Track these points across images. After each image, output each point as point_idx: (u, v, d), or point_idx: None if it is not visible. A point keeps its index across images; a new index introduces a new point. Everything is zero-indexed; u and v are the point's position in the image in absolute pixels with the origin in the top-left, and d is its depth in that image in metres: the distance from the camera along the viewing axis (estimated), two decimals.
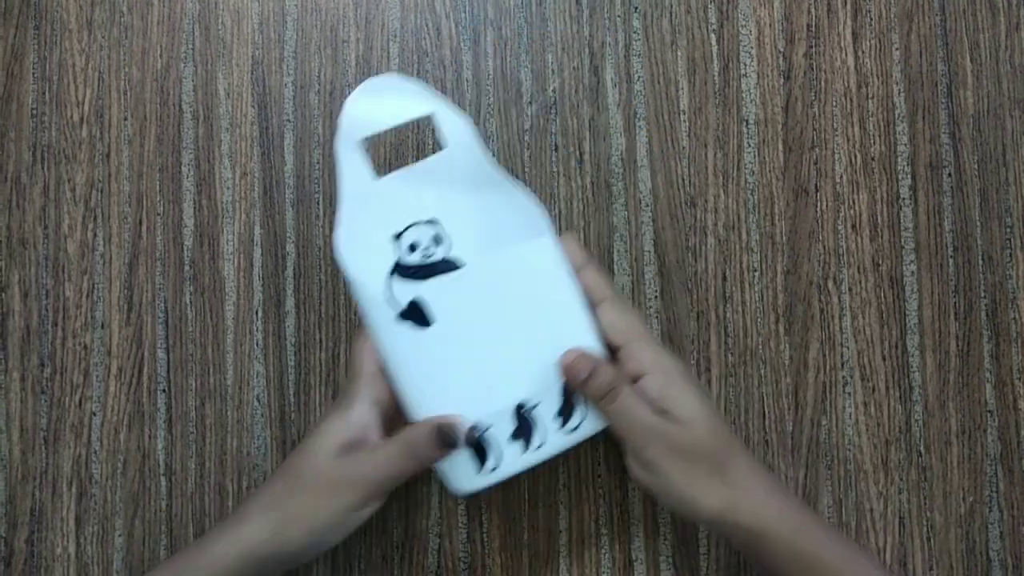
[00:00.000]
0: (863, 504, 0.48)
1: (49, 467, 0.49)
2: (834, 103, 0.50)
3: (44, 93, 0.50)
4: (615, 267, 0.49)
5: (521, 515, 0.48)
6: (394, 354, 0.42)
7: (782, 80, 0.50)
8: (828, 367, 0.49)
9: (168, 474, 0.49)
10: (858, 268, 0.49)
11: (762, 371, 0.49)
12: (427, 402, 0.42)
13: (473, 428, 0.42)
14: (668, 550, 0.48)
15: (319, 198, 0.50)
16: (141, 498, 0.48)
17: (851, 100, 0.50)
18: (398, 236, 0.43)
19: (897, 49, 0.50)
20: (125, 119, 0.50)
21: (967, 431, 0.48)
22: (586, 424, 0.43)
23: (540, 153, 0.50)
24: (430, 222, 0.43)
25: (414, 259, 0.43)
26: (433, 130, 0.45)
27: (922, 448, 0.48)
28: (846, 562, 0.41)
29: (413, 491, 0.48)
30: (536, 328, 0.42)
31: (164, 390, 0.49)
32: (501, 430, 0.42)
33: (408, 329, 0.42)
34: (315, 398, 0.49)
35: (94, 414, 0.49)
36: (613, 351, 0.43)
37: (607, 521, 0.48)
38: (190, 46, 0.50)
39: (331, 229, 0.45)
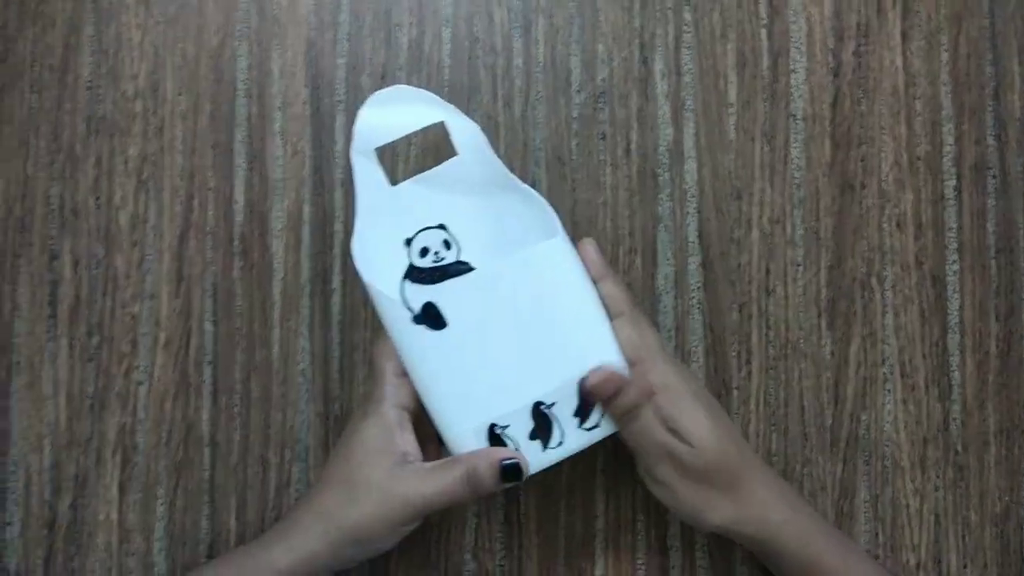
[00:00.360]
0: (899, 500, 0.48)
1: (95, 434, 0.49)
2: (882, 102, 0.50)
3: (100, 66, 0.51)
4: (659, 257, 0.49)
5: (558, 498, 0.49)
6: (411, 356, 0.43)
7: (831, 77, 0.50)
8: (869, 363, 0.49)
9: (212, 445, 0.49)
10: (901, 266, 0.49)
11: (803, 365, 0.49)
12: (446, 402, 0.43)
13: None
14: (703, 538, 0.48)
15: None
16: (184, 468, 0.49)
17: (899, 99, 0.50)
18: (409, 241, 0.44)
19: (946, 51, 0.50)
20: (179, 94, 0.51)
21: (1005, 431, 0.48)
22: (604, 424, 0.43)
23: (587, 142, 0.50)
24: (440, 227, 0.45)
25: (426, 263, 0.44)
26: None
27: (959, 447, 0.48)
28: (847, 567, 0.42)
29: None
30: (551, 328, 0.43)
31: (211, 362, 0.49)
32: (519, 430, 0.43)
33: (424, 331, 0.43)
34: (358, 375, 0.49)
35: (140, 383, 0.50)
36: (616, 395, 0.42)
37: (643, 506, 0.48)
38: (245, 25, 0.51)
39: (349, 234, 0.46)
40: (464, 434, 0.43)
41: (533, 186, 0.50)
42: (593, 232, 0.50)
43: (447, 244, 0.44)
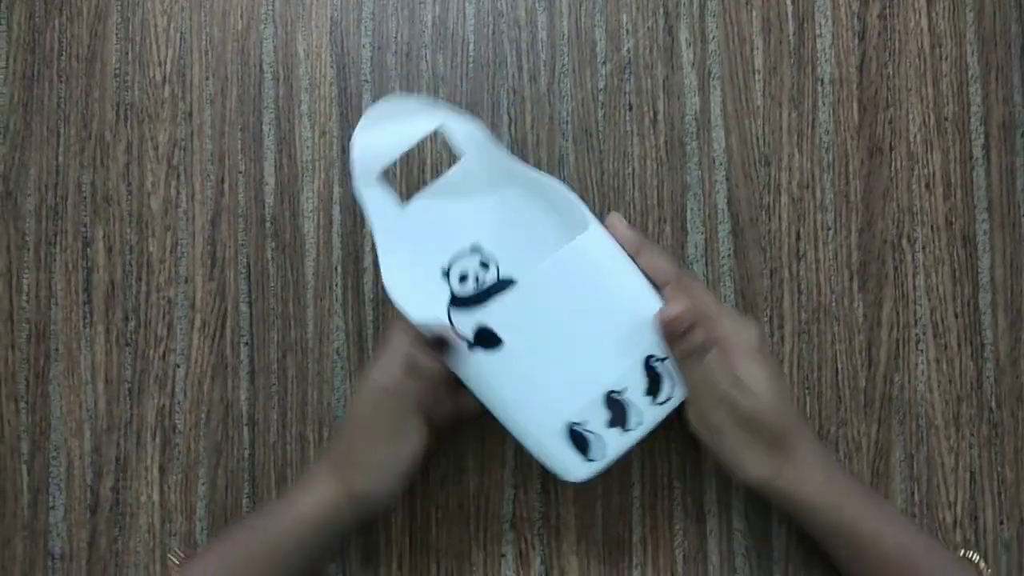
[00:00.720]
0: (935, 459, 0.48)
1: (134, 417, 0.50)
2: (908, 64, 0.50)
3: (127, 53, 0.51)
4: (688, 225, 0.50)
5: None
6: (476, 380, 0.43)
7: (856, 40, 0.50)
8: (901, 324, 0.49)
9: (251, 424, 0.50)
10: (931, 227, 0.49)
11: (835, 328, 0.49)
12: (520, 415, 0.43)
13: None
14: (740, 502, 0.48)
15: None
16: (224, 447, 0.49)
17: (925, 61, 0.50)
18: (446, 273, 0.44)
19: (971, 10, 0.50)
20: (207, 79, 0.51)
21: None
22: (676, 392, 0.43)
23: (614, 113, 0.50)
24: (473, 250, 0.44)
25: (468, 290, 0.44)
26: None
27: (993, 404, 0.49)
28: (881, 532, 0.42)
29: (489, 443, 0.49)
30: (604, 317, 0.42)
31: (247, 343, 0.50)
32: (597, 422, 0.43)
33: (482, 355, 0.43)
34: None
35: (178, 366, 0.50)
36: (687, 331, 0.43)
37: (679, 473, 0.49)
38: (270, 7, 0.51)
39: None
40: (544, 439, 0.43)
41: (560, 160, 0.50)
42: (622, 203, 0.50)
43: (484, 265, 0.44)
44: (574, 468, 0.44)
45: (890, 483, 0.48)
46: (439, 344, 0.42)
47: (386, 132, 0.43)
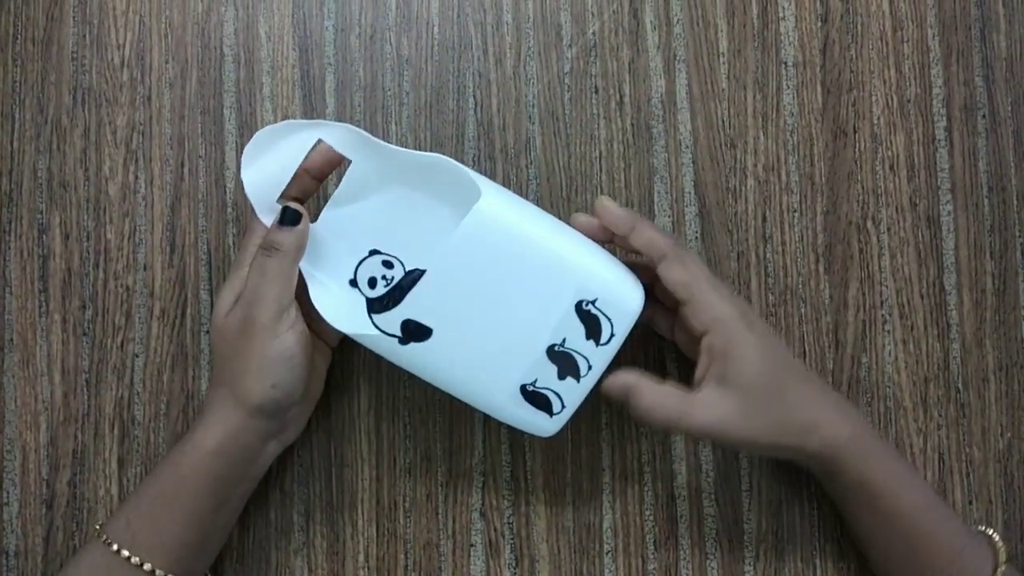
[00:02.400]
0: (903, 440, 0.48)
1: (91, 409, 0.48)
2: (870, 46, 0.50)
3: (84, 36, 0.50)
4: (656, 208, 0.49)
5: (564, 454, 0.48)
6: (422, 371, 0.43)
7: (820, 23, 0.50)
8: (867, 306, 0.48)
9: None
10: (896, 208, 0.49)
11: (803, 310, 0.48)
12: (472, 388, 0.43)
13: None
14: (711, 486, 0.48)
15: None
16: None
17: (887, 43, 0.50)
18: (353, 282, 0.44)
19: None
20: (166, 62, 0.49)
21: (1004, 368, 0.48)
22: (617, 327, 0.42)
23: (580, 96, 0.49)
24: (372, 253, 0.44)
25: (379, 292, 0.44)
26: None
27: (960, 385, 0.48)
28: (904, 490, 0.42)
29: (457, 431, 0.48)
30: (523, 276, 0.42)
31: (208, 332, 0.48)
32: (548, 377, 0.42)
33: (417, 347, 0.42)
34: None
35: (136, 356, 0.48)
36: (679, 306, 0.42)
37: (650, 459, 0.48)
38: None
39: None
40: (502, 403, 0.43)
41: (527, 143, 0.49)
42: (589, 186, 0.49)
43: (388, 264, 0.44)
44: (542, 426, 0.43)
45: None
46: (288, 219, 0.42)
47: (269, 162, 0.43)
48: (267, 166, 0.43)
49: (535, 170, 0.49)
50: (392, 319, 0.42)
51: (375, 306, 0.43)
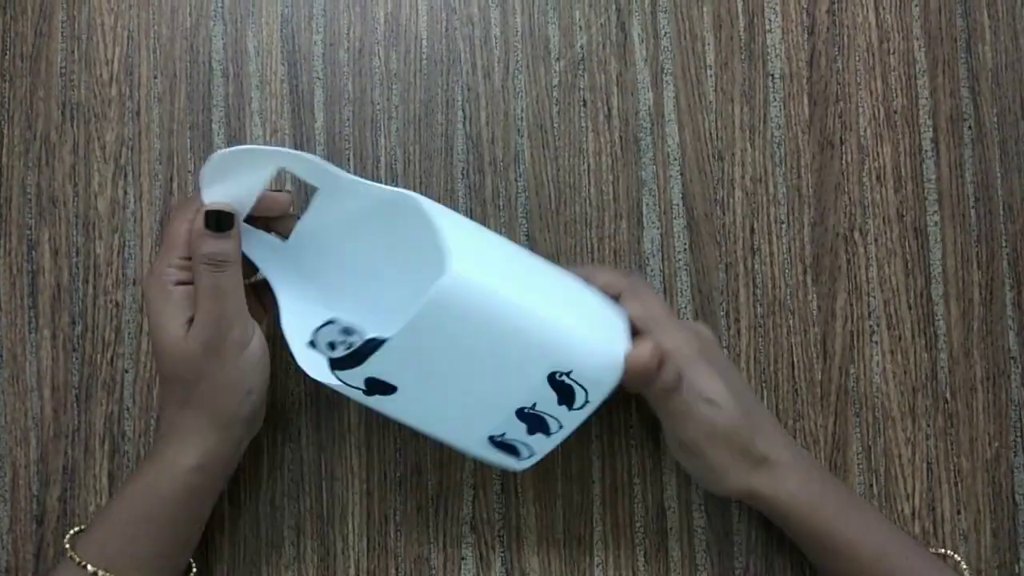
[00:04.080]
0: (891, 451, 0.48)
1: (81, 425, 0.48)
2: (857, 58, 0.49)
3: (73, 52, 0.49)
4: (644, 220, 0.48)
5: (554, 465, 0.47)
6: (388, 415, 0.42)
7: (806, 35, 0.50)
8: (855, 316, 0.48)
9: None
10: (883, 219, 0.49)
11: (791, 321, 0.48)
12: (440, 433, 0.42)
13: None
14: (700, 498, 0.47)
15: (349, 155, 0.49)
16: None
17: (873, 55, 0.50)
18: (313, 344, 0.43)
19: (917, 5, 0.50)
20: (155, 77, 0.49)
21: (991, 377, 0.48)
22: (592, 395, 0.41)
23: (568, 109, 0.49)
24: (329, 322, 0.43)
25: (339, 353, 0.42)
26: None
27: (948, 395, 0.48)
28: (861, 534, 0.41)
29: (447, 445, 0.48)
30: (492, 349, 0.39)
31: None
32: (517, 432, 0.42)
33: (382, 399, 0.41)
34: None
35: (126, 371, 0.48)
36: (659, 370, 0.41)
37: (639, 470, 0.47)
38: (219, 4, 0.49)
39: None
40: (470, 447, 0.43)
41: (516, 157, 0.49)
42: (577, 199, 0.49)
43: (347, 331, 0.43)
44: (511, 465, 0.43)
45: (848, 476, 0.47)
46: (225, 224, 0.40)
47: (230, 187, 0.41)
48: (229, 189, 0.41)
49: (523, 183, 0.49)
50: (355, 375, 0.40)
51: (336, 364, 0.41)
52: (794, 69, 0.49)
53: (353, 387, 0.41)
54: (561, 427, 0.41)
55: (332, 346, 0.43)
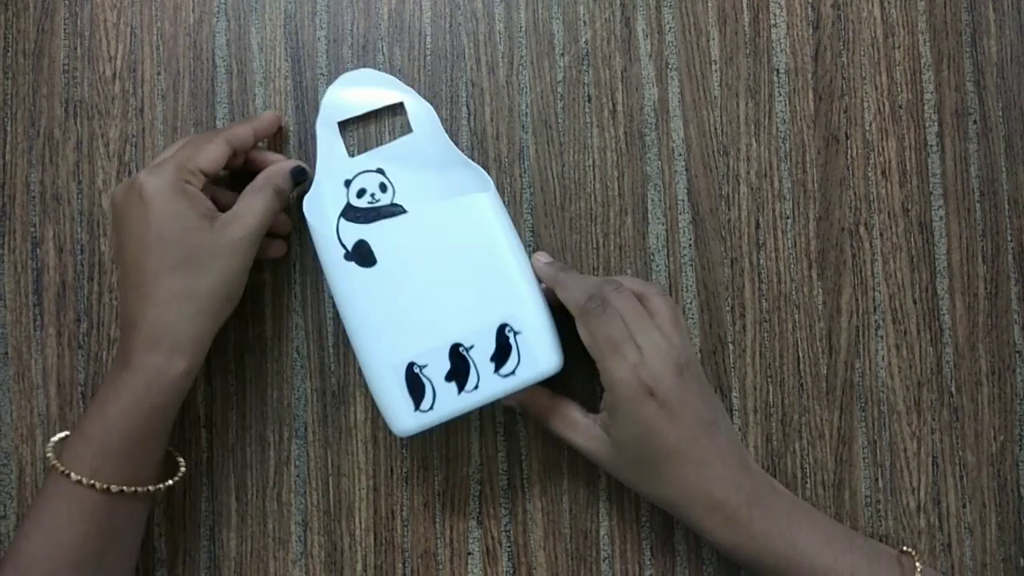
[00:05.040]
0: (897, 445, 0.47)
1: None
2: (862, 52, 0.49)
3: (76, 48, 0.49)
4: (649, 215, 0.48)
5: (561, 461, 0.47)
6: (340, 292, 0.44)
7: (811, 30, 0.49)
8: (861, 311, 0.48)
9: (208, 426, 0.47)
10: (888, 214, 0.48)
11: (796, 316, 0.48)
12: (370, 338, 0.43)
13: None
14: None
15: (354, 152, 0.48)
16: (181, 451, 0.47)
17: (878, 49, 0.49)
18: (348, 182, 0.46)
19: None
20: (158, 74, 0.48)
21: (997, 372, 0.48)
22: (521, 370, 0.42)
23: (573, 104, 0.49)
24: (378, 171, 0.46)
25: (362, 203, 0.45)
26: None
27: (953, 389, 0.48)
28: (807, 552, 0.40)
29: (454, 440, 0.47)
30: (475, 273, 0.43)
31: None
32: (436, 370, 0.42)
33: (354, 268, 0.43)
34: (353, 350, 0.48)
35: None
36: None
37: None
38: (222, 0, 0.49)
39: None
40: (383, 370, 0.43)
41: (521, 152, 0.48)
42: (583, 194, 0.48)
43: (383, 187, 0.46)
44: (402, 414, 0.42)
45: (853, 470, 0.47)
46: (299, 175, 0.45)
47: (357, 93, 0.47)
48: (351, 96, 0.47)
49: (528, 179, 0.48)
50: (353, 233, 0.44)
51: (348, 212, 0.45)
52: (799, 64, 0.49)
53: (341, 243, 0.44)
54: (476, 387, 0.42)
55: (360, 194, 0.45)
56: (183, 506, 0.47)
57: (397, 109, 0.47)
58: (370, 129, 0.48)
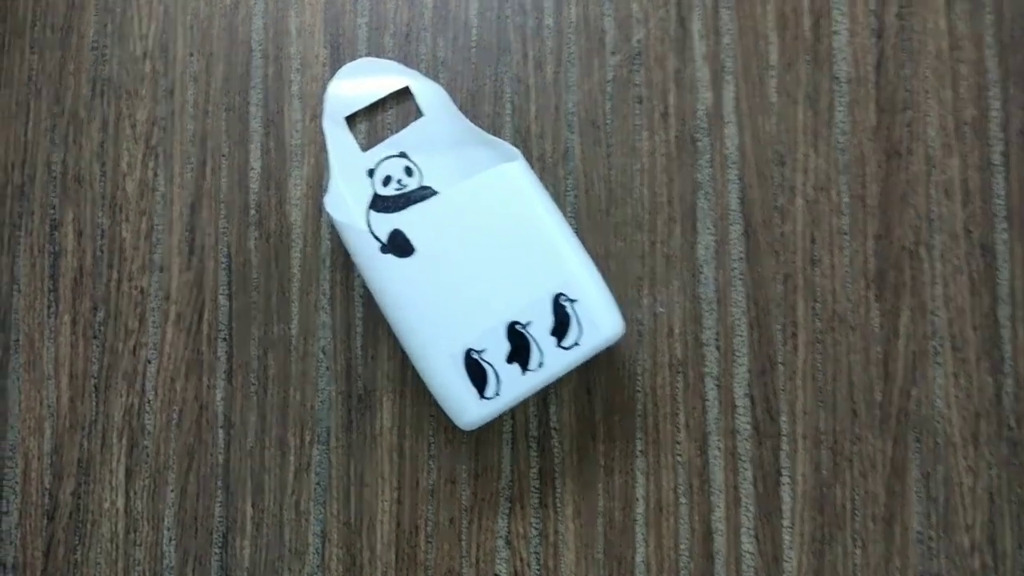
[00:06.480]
0: (952, 478, 0.44)
1: (99, 416, 0.44)
2: (926, 65, 0.46)
3: (106, 25, 0.46)
4: (699, 226, 0.45)
5: (596, 481, 0.44)
6: (382, 286, 0.40)
7: (874, 39, 0.46)
8: (918, 336, 0.45)
9: (226, 426, 0.44)
10: (949, 235, 0.45)
11: (851, 338, 0.45)
12: (419, 330, 0.40)
13: None
14: (750, 522, 0.44)
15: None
16: (197, 451, 0.44)
17: (943, 63, 0.46)
18: (371, 172, 0.43)
19: (990, 13, 0.47)
20: (191, 55, 0.46)
21: None
22: (585, 339, 0.40)
23: (622, 105, 0.46)
24: (400, 155, 0.43)
25: (389, 191, 0.42)
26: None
27: (1012, 422, 0.44)
28: None
29: (484, 453, 0.44)
30: (519, 246, 0.40)
31: (225, 338, 0.44)
32: (496, 353, 0.39)
33: (392, 260, 0.40)
34: (383, 352, 0.44)
35: (149, 361, 0.44)
36: None
37: (687, 490, 0.44)
38: None
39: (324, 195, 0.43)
40: (440, 360, 0.40)
41: (565, 153, 0.46)
42: (630, 199, 0.45)
43: (408, 171, 0.43)
44: (467, 405, 0.39)
45: (906, 504, 0.44)
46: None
47: (359, 84, 0.44)
48: (353, 88, 0.44)
49: (573, 181, 0.45)
50: (385, 223, 0.41)
51: (378, 203, 0.42)
52: (861, 73, 0.46)
53: (375, 236, 0.41)
54: (541, 364, 0.39)
55: (387, 182, 0.42)
56: (195, 510, 0.43)
57: (403, 95, 0.45)
58: (377, 119, 0.45)
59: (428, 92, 0.44)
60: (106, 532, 0.43)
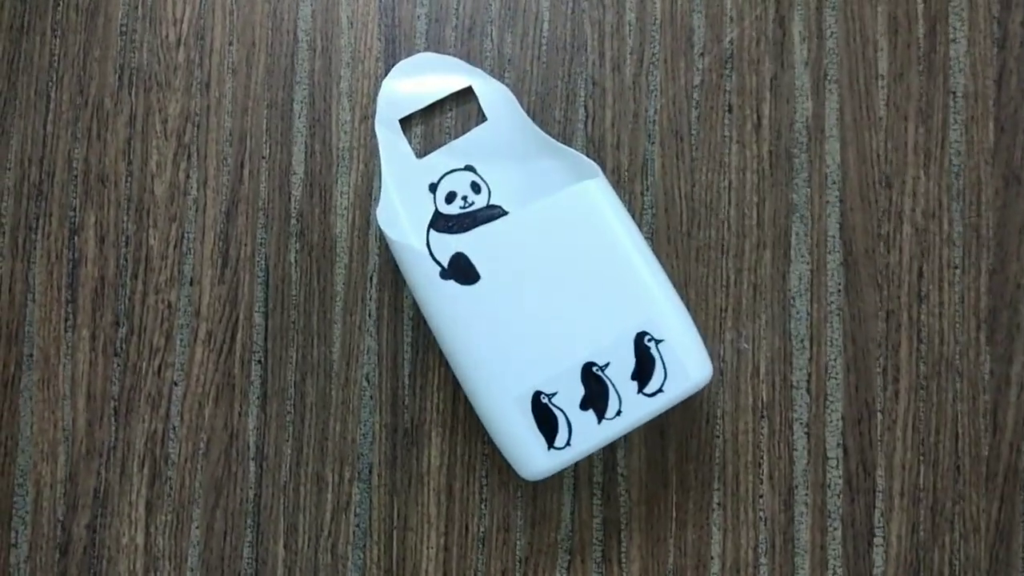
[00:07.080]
0: None
1: (119, 443, 0.40)
2: None
3: (137, 8, 0.41)
4: (792, 252, 0.40)
5: (667, 535, 0.39)
6: (441, 316, 0.36)
7: (996, 49, 0.41)
8: None
9: (259, 458, 0.40)
10: None
11: (958, 385, 0.40)
12: (483, 368, 0.35)
13: None
14: None
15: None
16: (225, 485, 0.39)
17: None
18: (434, 187, 0.38)
19: None
20: (230, 44, 0.41)
21: None
22: (669, 385, 0.35)
23: (710, 114, 0.41)
24: (467, 168, 0.39)
25: (453, 209, 0.38)
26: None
27: None
28: None
29: (543, 498, 0.39)
30: (598, 279, 0.35)
31: (260, 361, 0.40)
32: (569, 397, 0.35)
33: (454, 287, 0.36)
34: (433, 380, 0.40)
35: (175, 384, 0.40)
36: None
37: (767, 549, 0.39)
38: None
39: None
40: (504, 403, 0.35)
41: (644, 166, 0.41)
42: (715, 220, 0.40)
43: (475, 187, 0.38)
44: (534, 455, 0.35)
45: (1011, 571, 0.39)
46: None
47: (416, 83, 0.40)
48: (409, 87, 0.40)
49: (651, 198, 0.40)
50: (447, 245, 0.36)
51: (439, 222, 0.38)
52: (980, 88, 0.40)
53: (435, 260, 0.36)
54: (619, 413, 0.35)
55: (451, 198, 0.38)
56: (222, 551, 0.39)
57: (465, 96, 0.40)
58: (435, 123, 0.40)
59: (493, 93, 0.39)
60: (123, 571, 0.39)
